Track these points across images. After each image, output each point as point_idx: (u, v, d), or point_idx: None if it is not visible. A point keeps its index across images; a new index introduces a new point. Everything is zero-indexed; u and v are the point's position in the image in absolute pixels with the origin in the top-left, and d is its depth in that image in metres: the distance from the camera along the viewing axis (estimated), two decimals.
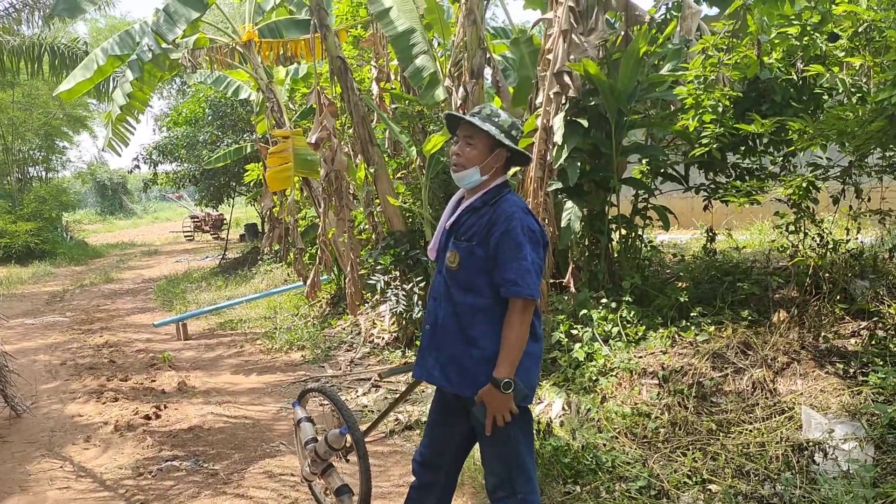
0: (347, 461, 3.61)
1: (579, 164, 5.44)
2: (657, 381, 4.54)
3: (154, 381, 6.90)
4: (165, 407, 5.92)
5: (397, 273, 7.01)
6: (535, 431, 4.20)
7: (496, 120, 2.65)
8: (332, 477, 3.50)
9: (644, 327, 5.06)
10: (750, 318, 4.72)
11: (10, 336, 9.25)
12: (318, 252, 8.05)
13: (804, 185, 4.58)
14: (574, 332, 5.21)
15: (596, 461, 3.83)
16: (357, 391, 6.03)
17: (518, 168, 6.03)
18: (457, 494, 3.82)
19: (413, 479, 2.94)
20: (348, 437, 3.37)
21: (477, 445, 2.85)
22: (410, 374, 2.96)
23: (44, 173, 25.99)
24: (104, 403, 6.12)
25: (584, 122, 5.26)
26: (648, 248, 6.18)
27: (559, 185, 5.46)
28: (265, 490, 4.13)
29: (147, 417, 5.63)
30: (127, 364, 7.74)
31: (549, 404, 4.79)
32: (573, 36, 5.29)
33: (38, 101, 21.11)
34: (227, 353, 8.17)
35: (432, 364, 2.74)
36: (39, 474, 4.56)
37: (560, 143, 5.25)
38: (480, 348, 2.60)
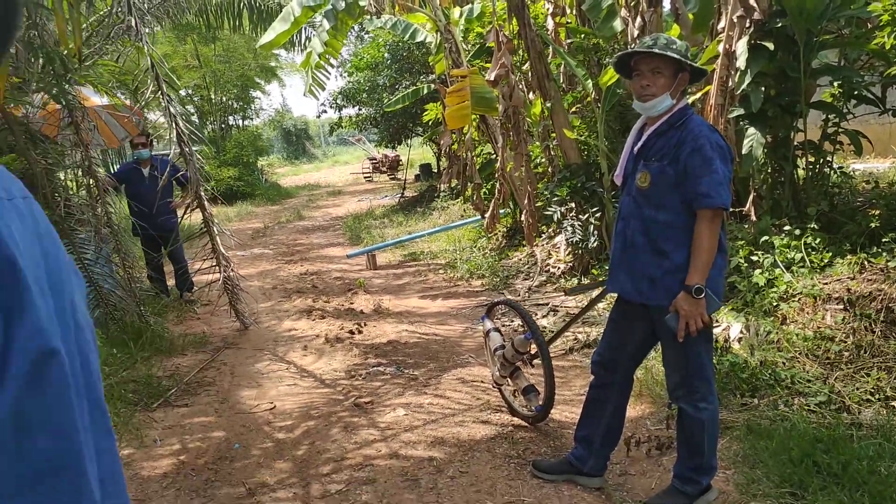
0: (532, 366, 4.00)
1: (763, 88, 5.35)
2: (842, 307, 4.51)
3: (352, 303, 7.68)
4: (365, 324, 6.63)
5: (573, 205, 7.24)
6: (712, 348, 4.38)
7: (674, 47, 2.83)
8: (520, 378, 3.92)
9: (830, 254, 4.99)
10: None
11: None
12: (497, 186, 8.42)
13: None
14: (754, 258, 5.23)
15: (774, 377, 3.96)
16: (536, 314, 6.41)
17: (694, 98, 6.02)
18: (636, 403, 4.13)
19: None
20: (532, 344, 3.76)
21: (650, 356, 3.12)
22: (593, 290, 3.25)
23: (241, 121, 28.34)
24: (313, 320, 6.96)
25: (770, 46, 5.15)
26: (838, 175, 5.96)
27: (741, 111, 5.41)
28: (459, 392, 4.65)
29: (351, 332, 6.36)
30: (327, 289, 8.64)
31: (727, 327, 4.90)
32: None
33: (235, 54, 22.97)
34: (413, 282, 8.85)
35: (624, 278, 3.02)
36: (270, 374, 5.38)
37: (743, 68, 5.19)
38: (671, 259, 2.84)
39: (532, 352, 3.90)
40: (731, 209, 5.97)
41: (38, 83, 4.76)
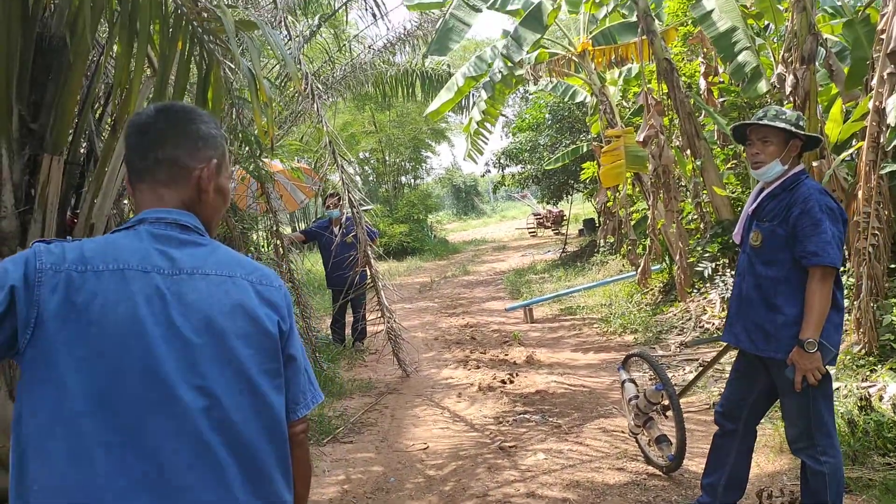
0: (666, 417, 4.17)
1: None
2: None
3: (507, 354, 8.07)
4: (517, 375, 6.99)
5: (725, 260, 7.25)
6: (860, 408, 4.32)
7: (783, 117, 3.05)
8: (653, 428, 4.11)
9: None
10: None
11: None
12: (649, 242, 8.56)
13: None
14: None
15: None
16: (685, 369, 6.47)
17: (847, 154, 5.95)
18: (776, 458, 4.19)
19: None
20: (663, 395, 3.95)
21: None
22: (716, 341, 3.44)
23: (412, 181, 30.02)
24: (469, 370, 7.42)
25: None
26: None
27: (895, 167, 5.30)
28: (599, 441, 4.87)
29: (503, 382, 6.74)
30: (485, 340, 9.10)
31: (882, 387, 4.77)
32: None
33: (408, 119, 24.58)
34: (567, 335, 9.10)
35: (739, 330, 3.22)
36: (426, 417, 5.87)
37: (894, 125, 5.12)
38: (784, 314, 3.02)
39: (664, 403, 4.09)
40: (893, 266, 5.85)
41: (237, 161, 5.69)
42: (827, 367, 2.98)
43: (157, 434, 1.32)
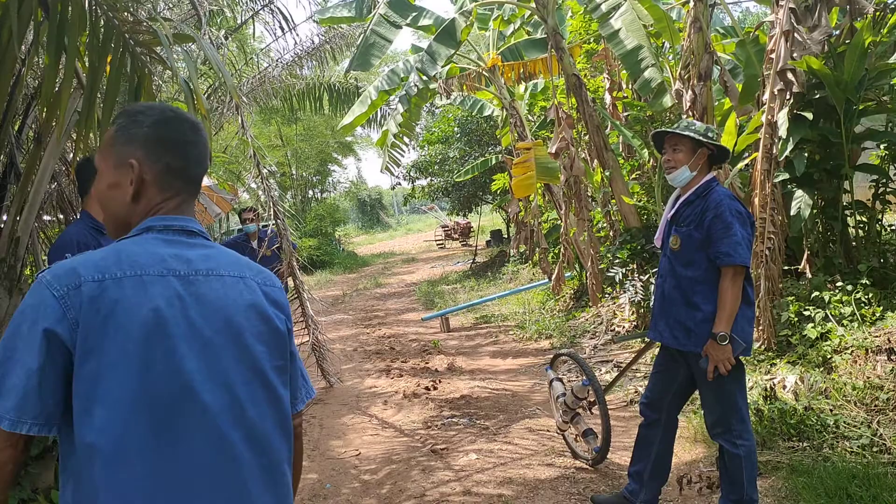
0: (592, 413, 4.41)
1: (806, 154, 5.73)
2: (893, 357, 4.75)
3: (428, 363, 8.20)
4: (440, 382, 7.12)
5: (634, 266, 7.64)
6: (764, 398, 4.69)
7: (693, 127, 3.35)
8: (580, 423, 4.33)
9: (881, 308, 5.24)
10: None
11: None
12: (561, 250, 8.91)
13: None
14: (806, 312, 5.51)
15: (821, 422, 4.25)
16: (601, 370, 6.78)
17: (742, 165, 6.43)
18: (691, 447, 4.48)
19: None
20: (590, 390, 4.18)
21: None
22: (640, 339, 3.69)
23: (319, 194, 29.81)
24: (392, 378, 7.50)
25: (809, 116, 5.56)
26: (888, 233, 6.21)
27: (786, 175, 5.78)
28: (527, 440, 5.06)
29: (427, 389, 6.86)
30: (405, 350, 9.19)
31: (782, 379, 5.18)
32: (795, 35, 5.61)
33: (315, 133, 24.47)
34: (484, 342, 9.32)
35: (663, 328, 3.47)
36: (355, 425, 5.92)
37: (785, 137, 5.60)
38: (702, 311, 3.28)
39: (590, 399, 4.32)
40: (786, 268, 6.32)
41: None
42: (741, 357, 3.27)
43: (182, 432, 1.35)
